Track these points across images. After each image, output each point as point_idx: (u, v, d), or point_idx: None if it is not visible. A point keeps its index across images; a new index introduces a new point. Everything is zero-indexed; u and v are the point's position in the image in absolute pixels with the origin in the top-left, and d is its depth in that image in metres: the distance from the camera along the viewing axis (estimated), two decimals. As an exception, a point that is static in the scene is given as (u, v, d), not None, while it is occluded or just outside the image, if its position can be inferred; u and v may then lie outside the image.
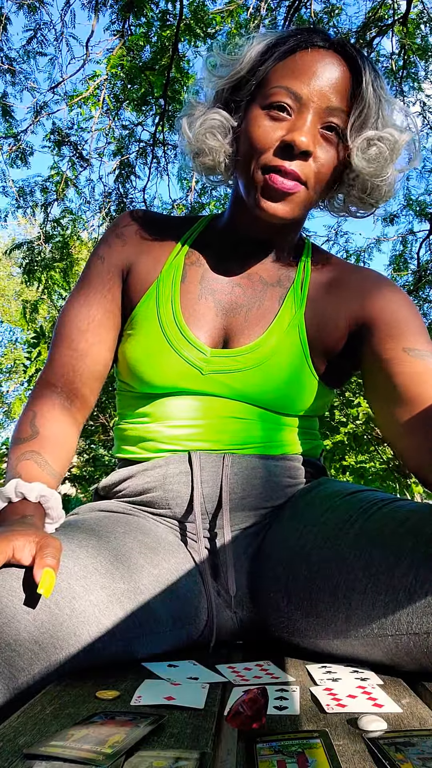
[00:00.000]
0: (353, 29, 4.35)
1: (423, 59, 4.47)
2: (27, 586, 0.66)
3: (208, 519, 0.87)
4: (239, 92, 0.88)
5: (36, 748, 0.48)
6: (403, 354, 0.84)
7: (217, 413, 0.89)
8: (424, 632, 0.66)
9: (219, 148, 0.88)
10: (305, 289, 0.93)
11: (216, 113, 0.88)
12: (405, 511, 0.76)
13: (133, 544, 0.79)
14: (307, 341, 0.91)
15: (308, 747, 0.48)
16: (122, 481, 0.93)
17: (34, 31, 4.17)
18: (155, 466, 0.89)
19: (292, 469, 0.92)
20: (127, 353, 0.92)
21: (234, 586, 0.84)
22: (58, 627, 0.66)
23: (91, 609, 0.69)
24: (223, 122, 0.88)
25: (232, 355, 0.89)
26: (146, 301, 0.92)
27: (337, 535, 0.78)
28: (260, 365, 0.88)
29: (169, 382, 0.89)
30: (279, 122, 0.83)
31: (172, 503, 0.88)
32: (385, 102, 0.86)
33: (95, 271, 0.96)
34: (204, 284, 0.93)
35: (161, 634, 0.77)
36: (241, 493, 0.87)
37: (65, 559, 0.71)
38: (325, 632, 0.75)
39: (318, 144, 0.83)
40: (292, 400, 0.90)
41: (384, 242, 5.68)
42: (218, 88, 0.90)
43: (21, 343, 16.34)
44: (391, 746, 0.48)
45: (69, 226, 4.85)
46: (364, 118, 0.84)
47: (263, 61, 0.86)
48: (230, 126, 0.88)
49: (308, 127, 0.81)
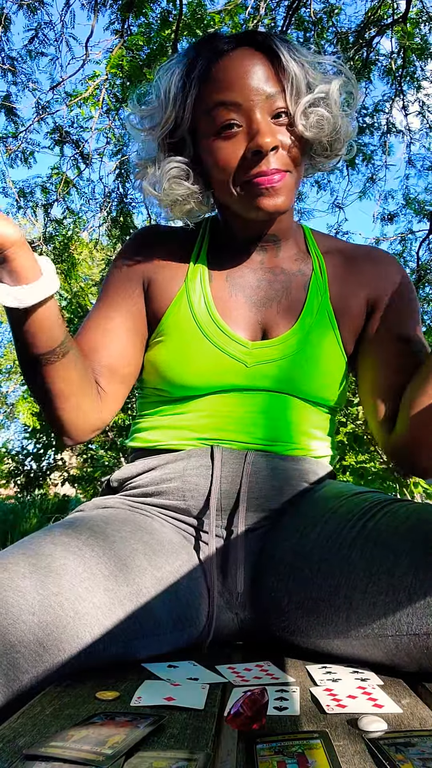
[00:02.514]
0: (352, 29, 4.35)
1: (422, 59, 4.47)
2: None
3: (221, 516, 0.87)
4: (178, 131, 0.89)
5: (36, 749, 0.48)
6: (397, 343, 0.93)
7: (249, 408, 0.90)
8: (424, 633, 0.66)
9: (188, 192, 0.90)
10: (325, 276, 0.96)
11: (170, 162, 0.89)
12: (405, 511, 0.76)
13: (137, 546, 0.79)
14: (338, 325, 0.94)
15: (308, 747, 0.48)
16: (140, 473, 0.92)
17: (35, 30, 4.17)
18: (177, 458, 0.89)
19: (310, 473, 0.92)
20: (158, 359, 0.92)
21: (242, 584, 0.84)
22: (62, 629, 0.66)
23: (94, 611, 0.69)
24: (180, 167, 0.89)
25: (273, 344, 0.91)
26: (176, 306, 0.92)
27: (339, 535, 0.78)
28: (301, 350, 0.91)
29: (209, 381, 0.89)
30: (234, 138, 0.84)
31: (187, 495, 0.88)
32: (309, 65, 0.87)
33: (115, 280, 0.97)
34: (231, 282, 0.94)
35: (162, 636, 0.77)
36: (257, 493, 0.87)
37: (71, 557, 0.71)
38: (325, 632, 0.75)
39: (279, 133, 0.84)
40: (329, 385, 0.93)
41: (383, 242, 5.68)
42: (158, 140, 0.90)
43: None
44: (391, 747, 0.48)
45: (70, 227, 4.84)
46: (297, 88, 0.85)
47: (187, 92, 0.87)
48: (187, 167, 0.89)
49: (263, 126, 0.83)
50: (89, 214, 4.88)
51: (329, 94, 0.86)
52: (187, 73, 0.87)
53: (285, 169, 0.84)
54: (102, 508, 0.89)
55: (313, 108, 0.85)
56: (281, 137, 0.84)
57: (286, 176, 0.85)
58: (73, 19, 4.61)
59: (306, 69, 0.86)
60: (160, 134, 0.89)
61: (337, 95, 0.87)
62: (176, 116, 0.88)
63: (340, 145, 0.91)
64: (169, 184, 0.89)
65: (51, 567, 0.69)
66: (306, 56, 0.87)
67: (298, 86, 0.85)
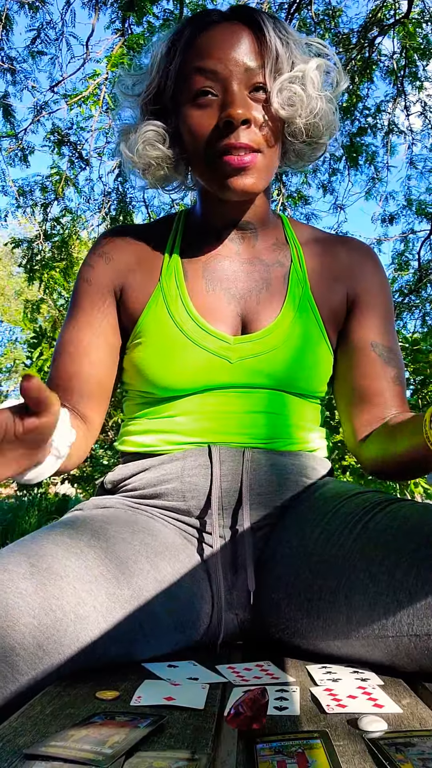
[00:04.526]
0: (355, 29, 4.35)
1: (424, 59, 4.46)
2: None
3: (223, 515, 0.86)
4: (161, 98, 0.89)
5: (36, 749, 0.48)
6: (369, 350, 0.94)
7: (243, 407, 0.89)
8: (424, 634, 0.66)
9: (162, 155, 0.89)
10: (303, 266, 0.95)
11: (147, 125, 0.89)
12: (406, 511, 0.76)
13: (139, 547, 0.79)
14: (321, 316, 0.93)
15: (308, 747, 0.48)
16: (134, 474, 0.91)
17: (37, 30, 4.16)
18: (173, 459, 0.88)
19: (308, 468, 0.92)
20: (139, 361, 0.90)
21: (254, 582, 0.83)
22: (62, 632, 0.66)
23: (95, 615, 0.69)
24: (157, 131, 0.89)
25: (256, 338, 0.90)
26: (152, 307, 0.91)
27: (339, 536, 0.78)
28: (284, 343, 0.89)
29: (194, 380, 0.88)
30: (209, 108, 0.84)
31: (188, 495, 0.87)
32: (295, 44, 0.86)
33: (82, 294, 0.95)
34: (208, 277, 0.93)
35: (162, 637, 0.77)
36: (258, 489, 0.87)
37: (72, 558, 0.71)
38: (325, 633, 0.74)
39: (253, 109, 0.83)
40: (317, 378, 0.93)
41: (385, 242, 5.68)
42: (141, 104, 0.91)
43: (21, 343, 16.34)
44: (391, 747, 0.48)
45: (68, 226, 4.84)
46: (278, 66, 0.84)
47: (171, 59, 0.87)
48: (165, 132, 0.89)
49: (238, 97, 0.82)
50: (88, 213, 4.88)
51: (305, 72, 0.85)
52: (173, 42, 0.87)
53: (256, 147, 0.83)
54: (102, 508, 0.88)
55: (287, 85, 0.84)
56: (255, 113, 0.83)
57: (257, 157, 0.84)
58: (73, 18, 4.62)
59: (291, 48, 0.85)
60: (143, 99, 0.90)
61: (314, 75, 0.85)
62: (159, 82, 0.88)
63: (320, 132, 0.89)
64: (143, 146, 0.88)
65: (52, 569, 0.68)
66: (293, 36, 0.86)
67: (280, 64, 0.84)
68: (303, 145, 0.91)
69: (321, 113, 0.87)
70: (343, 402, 0.98)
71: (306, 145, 0.91)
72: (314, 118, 0.87)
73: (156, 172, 0.91)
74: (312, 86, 0.85)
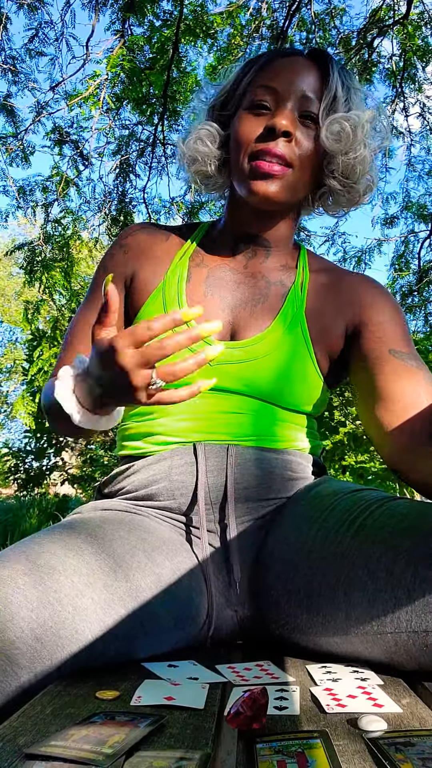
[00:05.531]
0: (354, 30, 4.35)
1: (423, 61, 4.46)
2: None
3: (212, 510, 0.88)
4: (227, 106, 0.97)
5: (36, 748, 0.48)
6: (388, 355, 0.91)
7: (222, 408, 0.90)
8: (423, 630, 0.66)
9: (209, 153, 0.96)
10: (304, 290, 0.97)
11: (205, 125, 0.97)
12: (404, 508, 0.76)
13: (136, 543, 0.80)
14: (310, 338, 0.94)
15: (308, 747, 0.48)
16: (126, 476, 0.93)
17: (35, 29, 4.17)
18: (160, 459, 0.90)
19: (293, 464, 0.92)
20: None
21: (239, 573, 0.85)
22: (60, 625, 0.66)
23: (93, 607, 0.70)
24: (211, 131, 0.96)
25: (239, 346, 0.91)
26: (151, 303, 0.95)
27: (338, 532, 0.78)
28: (267, 356, 0.91)
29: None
30: (261, 117, 0.91)
31: (176, 494, 0.88)
32: (354, 91, 0.94)
33: (98, 280, 1.00)
34: (209, 283, 0.96)
35: (162, 634, 0.77)
36: (244, 484, 0.88)
37: (70, 554, 0.72)
38: (325, 629, 0.75)
39: (298, 128, 0.90)
40: (297, 394, 0.93)
41: (385, 243, 5.68)
42: (209, 106, 0.99)
43: (21, 343, 16.34)
44: (391, 746, 0.48)
45: (69, 226, 4.84)
46: (334, 106, 0.91)
47: (245, 74, 0.96)
48: (218, 134, 0.96)
49: (287, 112, 0.89)
50: (89, 213, 4.88)
51: (360, 118, 0.91)
52: (252, 61, 0.97)
53: (289, 161, 0.88)
54: (100, 510, 0.89)
55: (340, 121, 0.90)
56: (299, 133, 0.89)
57: (287, 171, 0.88)
58: (73, 19, 4.62)
59: (350, 95, 0.92)
60: (212, 102, 0.99)
61: (366, 123, 0.92)
62: (229, 91, 0.97)
63: (356, 176, 0.94)
64: (195, 140, 0.97)
65: (50, 564, 0.70)
66: (356, 85, 0.94)
67: (336, 104, 0.91)
68: (338, 184, 0.95)
69: (360, 158, 0.93)
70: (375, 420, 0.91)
71: (342, 186, 0.95)
72: (354, 161, 0.92)
73: (200, 167, 0.98)
74: (361, 131, 0.91)
